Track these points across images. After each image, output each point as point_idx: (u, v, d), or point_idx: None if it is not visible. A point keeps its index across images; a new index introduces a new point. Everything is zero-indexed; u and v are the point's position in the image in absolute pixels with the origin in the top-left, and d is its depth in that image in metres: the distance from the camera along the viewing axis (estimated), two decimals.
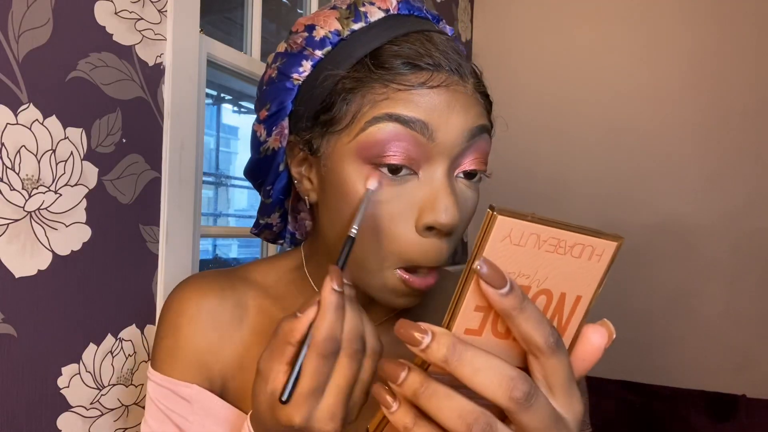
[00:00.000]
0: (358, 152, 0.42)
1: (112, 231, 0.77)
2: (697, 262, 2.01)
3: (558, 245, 0.29)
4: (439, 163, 0.42)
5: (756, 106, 1.95)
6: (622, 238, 0.31)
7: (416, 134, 0.41)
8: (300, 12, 1.58)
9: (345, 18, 0.45)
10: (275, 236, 0.60)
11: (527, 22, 2.33)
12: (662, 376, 2.02)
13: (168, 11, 0.85)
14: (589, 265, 0.30)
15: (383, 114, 0.41)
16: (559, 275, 0.30)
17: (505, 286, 0.28)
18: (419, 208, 0.42)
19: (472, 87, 0.44)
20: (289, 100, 0.47)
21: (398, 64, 0.42)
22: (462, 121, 0.42)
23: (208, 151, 5.78)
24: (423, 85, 0.41)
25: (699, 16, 2.04)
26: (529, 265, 0.30)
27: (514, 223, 0.28)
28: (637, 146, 2.11)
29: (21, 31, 0.66)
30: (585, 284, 0.31)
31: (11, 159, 0.64)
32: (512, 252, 0.29)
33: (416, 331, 0.30)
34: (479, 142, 0.44)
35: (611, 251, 0.30)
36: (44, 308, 0.69)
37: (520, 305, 0.29)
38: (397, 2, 0.47)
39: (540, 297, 0.31)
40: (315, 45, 0.46)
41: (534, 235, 0.29)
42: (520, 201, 2.30)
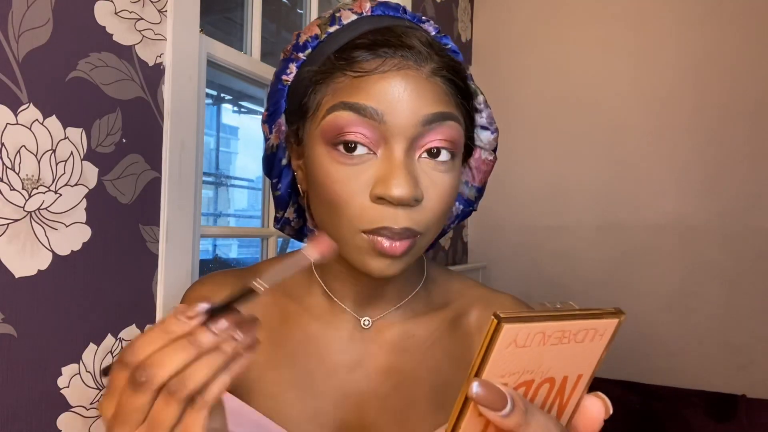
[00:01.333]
0: (322, 136, 0.46)
1: (112, 231, 0.77)
2: (697, 262, 2.01)
3: (563, 337, 0.29)
4: (396, 143, 0.45)
5: (756, 106, 1.95)
6: (624, 314, 0.31)
7: (367, 119, 0.44)
8: (300, 12, 1.58)
9: (324, 24, 0.50)
10: (296, 232, 0.63)
11: (527, 22, 2.33)
12: (662, 376, 2.02)
13: (168, 11, 0.85)
14: (591, 346, 0.31)
15: (339, 102, 0.45)
16: (561, 362, 0.30)
17: (504, 407, 0.28)
18: (374, 182, 0.45)
19: (428, 71, 0.46)
20: (282, 100, 0.53)
21: (356, 54, 0.45)
22: (414, 105, 0.44)
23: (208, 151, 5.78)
24: (375, 70, 0.44)
25: (699, 17, 2.04)
26: (533, 362, 0.29)
27: (520, 328, 0.28)
28: (637, 146, 2.11)
29: (21, 31, 0.66)
30: (587, 363, 0.31)
31: (11, 159, 0.65)
32: (517, 354, 0.29)
33: None
34: (441, 128, 0.46)
35: (612, 329, 0.31)
36: (44, 308, 0.69)
37: (525, 420, 0.28)
38: (371, 6, 0.51)
39: (543, 386, 0.31)
40: (299, 49, 0.51)
41: (540, 334, 0.29)
42: (520, 201, 2.30)
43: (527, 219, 2.29)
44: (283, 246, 2.05)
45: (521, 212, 2.30)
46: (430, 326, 0.57)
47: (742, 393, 1.87)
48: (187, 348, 0.31)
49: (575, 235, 2.21)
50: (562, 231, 2.23)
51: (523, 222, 2.30)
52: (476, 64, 2.42)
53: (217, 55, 1.04)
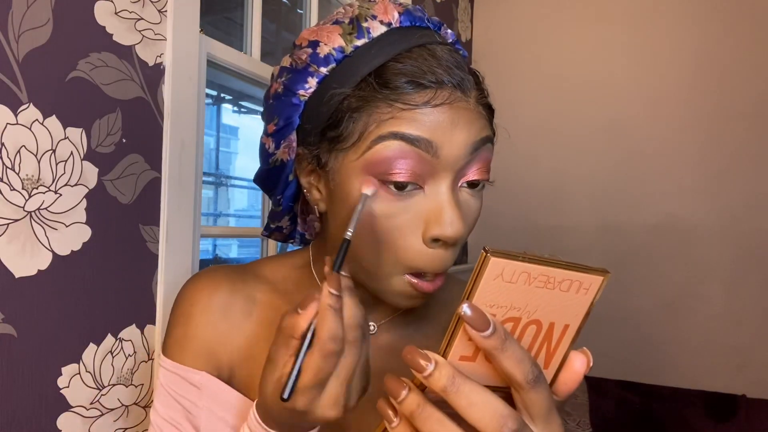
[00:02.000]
0: (365, 169, 0.43)
1: (112, 231, 0.77)
2: (697, 262, 2.01)
3: (547, 281, 0.32)
4: (444, 177, 0.44)
5: (756, 106, 1.95)
6: (609, 273, 0.33)
7: (421, 152, 0.42)
8: (300, 12, 1.58)
9: (348, 34, 0.46)
10: (285, 237, 0.62)
11: (527, 23, 2.33)
12: (662, 376, 2.02)
13: (168, 11, 0.85)
14: (576, 298, 0.33)
15: (389, 132, 0.42)
16: (548, 307, 0.33)
17: (487, 329, 0.31)
18: (425, 220, 0.44)
19: (474, 101, 0.45)
20: (296, 116, 0.49)
21: (402, 84, 0.43)
22: (465, 136, 0.44)
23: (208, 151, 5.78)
24: (427, 104, 0.42)
25: (699, 18, 2.04)
26: (520, 299, 0.33)
27: (506, 263, 0.31)
28: (638, 147, 2.11)
29: (21, 31, 0.66)
30: (573, 314, 0.34)
31: (11, 159, 0.65)
32: (504, 288, 0.32)
33: (421, 358, 0.33)
34: (482, 152, 0.46)
35: (597, 285, 0.33)
36: (44, 308, 0.69)
37: (502, 345, 0.32)
38: (399, 15, 0.47)
39: (530, 327, 0.34)
40: (319, 62, 0.46)
41: (525, 273, 0.32)
42: (520, 201, 2.30)
43: (527, 219, 2.29)
44: (282, 246, 2.05)
45: (521, 212, 2.30)
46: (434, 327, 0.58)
47: (742, 393, 1.87)
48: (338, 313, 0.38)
49: (575, 235, 2.21)
50: (562, 231, 2.23)
51: (523, 222, 2.30)
52: (476, 64, 2.42)
53: (217, 55, 1.04)
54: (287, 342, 0.39)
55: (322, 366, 0.38)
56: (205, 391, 0.52)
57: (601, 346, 2.14)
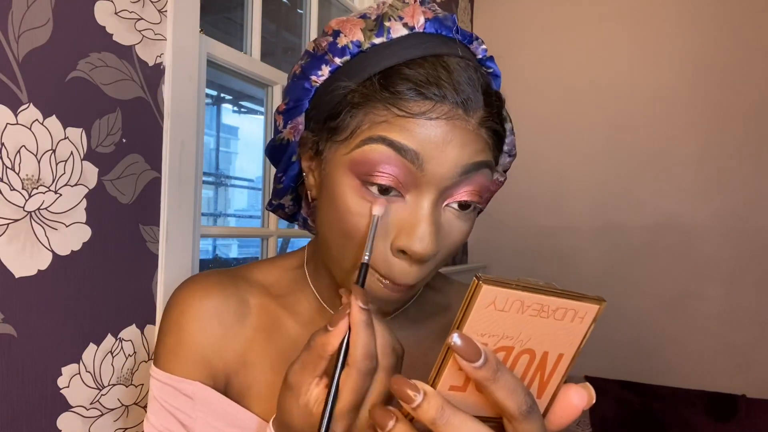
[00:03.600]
0: (351, 166, 0.43)
1: (112, 231, 0.77)
2: (697, 262, 2.01)
3: (541, 310, 0.31)
4: (427, 192, 0.42)
5: (756, 107, 1.95)
6: (605, 301, 0.32)
7: (406, 162, 0.41)
8: (300, 12, 1.58)
9: (369, 30, 0.45)
10: (288, 216, 0.61)
11: (527, 22, 2.33)
12: (662, 376, 2.02)
13: (168, 11, 0.85)
14: (571, 327, 0.32)
15: (378, 136, 0.42)
16: (541, 336, 0.32)
17: (478, 359, 0.31)
18: (398, 228, 0.43)
19: (476, 123, 0.43)
20: (306, 99, 0.49)
21: (404, 89, 0.42)
22: (456, 155, 0.42)
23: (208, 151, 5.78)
24: (422, 115, 0.41)
25: (700, 18, 2.04)
26: (512, 328, 0.32)
27: (499, 292, 0.30)
28: (638, 147, 2.11)
29: (21, 31, 0.66)
30: (567, 343, 0.33)
31: (11, 159, 0.64)
32: (497, 317, 0.31)
33: (409, 389, 0.32)
34: (475, 176, 0.44)
35: (593, 313, 0.32)
36: (44, 308, 0.69)
37: (494, 376, 0.31)
38: (425, 20, 0.46)
39: (523, 356, 0.33)
40: (336, 52, 0.46)
41: (518, 302, 0.31)
42: (520, 201, 2.30)
43: (527, 219, 2.29)
44: (282, 246, 2.05)
45: (521, 212, 2.30)
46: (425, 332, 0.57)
47: (742, 393, 1.87)
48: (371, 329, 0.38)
49: (575, 235, 2.21)
50: (562, 231, 2.23)
51: (523, 222, 2.30)
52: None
53: (217, 55, 1.04)
54: (315, 363, 0.38)
55: (360, 386, 0.37)
56: (199, 402, 0.51)
57: (601, 346, 2.14)
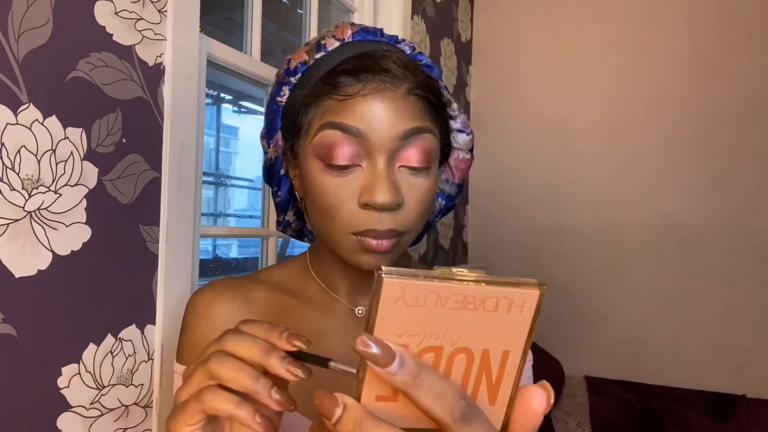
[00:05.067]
0: (314, 152, 0.52)
1: (112, 231, 0.77)
2: (697, 261, 2.01)
3: (465, 301, 0.27)
4: (378, 156, 0.51)
5: (756, 106, 1.95)
6: (545, 286, 0.28)
7: (352, 137, 0.50)
8: (300, 12, 1.58)
9: (311, 50, 0.57)
10: (297, 233, 0.70)
11: (527, 22, 2.33)
12: (662, 376, 2.02)
13: (168, 11, 0.85)
14: (510, 318, 0.28)
15: (327, 122, 0.51)
16: (475, 331, 0.28)
17: (391, 363, 0.27)
18: (361, 191, 0.51)
19: (404, 91, 0.51)
20: (277, 118, 0.59)
21: (341, 79, 0.51)
22: (392, 121, 0.50)
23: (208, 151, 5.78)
24: (358, 94, 0.50)
25: (699, 17, 2.04)
26: (435, 325, 0.28)
27: (405, 284, 0.27)
28: (638, 147, 2.11)
29: (21, 31, 0.66)
30: (511, 338, 0.29)
31: (11, 159, 0.65)
32: (411, 313, 0.27)
33: (330, 402, 0.29)
34: (417, 140, 0.52)
35: (534, 300, 0.28)
36: (44, 308, 0.69)
37: (414, 380, 0.28)
38: (352, 33, 0.57)
39: (458, 356, 0.29)
40: (290, 73, 0.57)
41: (433, 294, 0.27)
42: (520, 201, 2.30)
43: (527, 219, 2.29)
44: (282, 246, 2.05)
45: (521, 212, 2.30)
46: None
47: (742, 393, 1.87)
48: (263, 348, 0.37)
49: (575, 235, 2.21)
50: (562, 231, 2.23)
51: (523, 222, 2.30)
52: (476, 64, 2.42)
53: (217, 55, 1.04)
54: None
55: None
56: None
57: (601, 346, 2.14)
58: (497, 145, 2.31)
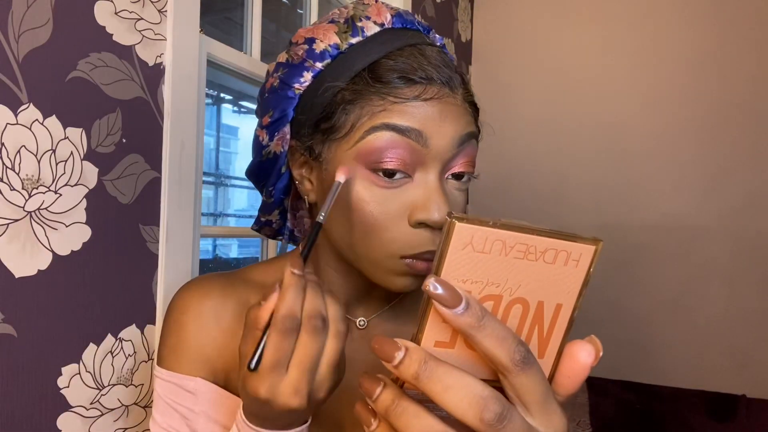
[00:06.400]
0: (358, 158, 0.46)
1: (112, 231, 0.77)
2: (697, 262, 2.01)
3: (527, 251, 0.28)
4: (432, 167, 0.46)
5: (756, 106, 1.95)
6: (601, 241, 0.29)
7: (411, 142, 0.45)
8: (300, 12, 1.58)
9: (343, 32, 0.49)
10: (275, 232, 0.64)
11: (527, 22, 2.33)
12: (662, 376, 2.02)
13: (168, 11, 0.85)
14: (566, 271, 0.29)
15: (381, 123, 0.45)
16: (533, 282, 0.29)
17: (458, 305, 0.28)
18: (412, 207, 0.46)
19: (461, 97, 0.48)
20: (290, 108, 0.51)
21: (394, 78, 0.46)
22: (453, 129, 0.46)
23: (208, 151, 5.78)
24: (417, 98, 0.45)
25: (699, 17, 2.04)
26: (498, 273, 0.28)
27: (475, 230, 0.27)
28: (637, 146, 2.11)
29: (21, 31, 0.66)
30: (564, 291, 0.29)
31: (11, 159, 0.65)
32: (477, 260, 0.28)
33: (390, 346, 0.30)
34: (467, 147, 0.48)
35: (589, 255, 0.29)
36: (44, 308, 0.69)
37: (479, 323, 0.28)
38: (391, 17, 0.50)
39: (515, 306, 0.29)
40: (315, 57, 0.49)
41: (499, 242, 0.28)
42: (520, 201, 2.30)
43: (527, 219, 2.28)
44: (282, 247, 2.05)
45: (521, 212, 2.30)
46: None
47: (742, 393, 1.87)
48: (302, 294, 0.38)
49: None
50: None
51: None
52: (476, 64, 2.42)
53: (217, 55, 1.04)
54: (253, 334, 0.39)
55: (279, 345, 0.37)
56: (201, 397, 0.53)
57: (602, 346, 2.14)
58: (497, 145, 2.31)
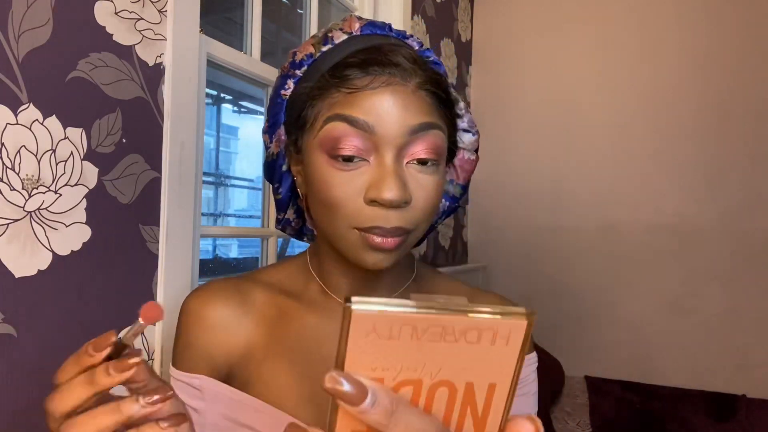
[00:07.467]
0: (320, 146, 0.51)
1: (112, 231, 0.77)
2: (697, 262, 2.01)
3: (444, 332, 0.25)
4: (386, 151, 0.50)
5: (756, 106, 1.95)
6: (534, 315, 0.26)
7: (359, 130, 0.49)
8: (300, 12, 1.58)
9: (318, 43, 0.55)
10: (296, 232, 0.68)
11: (527, 22, 2.33)
12: (662, 376, 2.02)
13: (168, 11, 0.85)
14: (495, 350, 0.26)
15: (334, 114, 0.50)
16: (457, 365, 0.26)
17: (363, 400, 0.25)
18: (368, 186, 0.50)
19: (414, 86, 0.50)
20: (281, 112, 0.57)
21: (350, 72, 0.50)
22: (401, 115, 0.49)
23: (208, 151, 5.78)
24: (366, 87, 0.49)
25: (699, 17, 2.04)
26: (412, 358, 0.26)
27: (377, 316, 0.24)
28: (637, 146, 2.11)
29: (21, 31, 0.66)
30: (497, 370, 0.26)
31: (11, 159, 0.65)
32: (385, 346, 0.25)
33: None
34: (426, 136, 0.51)
35: (521, 331, 0.26)
36: (44, 308, 0.69)
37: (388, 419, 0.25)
38: (360, 26, 0.56)
39: (439, 389, 0.27)
40: (295, 66, 0.56)
41: (408, 326, 0.25)
42: (520, 201, 2.30)
43: (527, 219, 2.29)
44: (282, 246, 2.05)
45: (521, 212, 2.30)
46: None
47: (742, 393, 1.87)
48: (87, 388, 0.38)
49: (575, 235, 2.21)
50: (562, 231, 2.23)
51: (523, 222, 2.30)
52: (476, 64, 2.42)
53: (217, 55, 1.04)
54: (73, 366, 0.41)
55: None
56: (207, 392, 0.57)
57: (602, 347, 2.14)
58: (497, 145, 2.31)
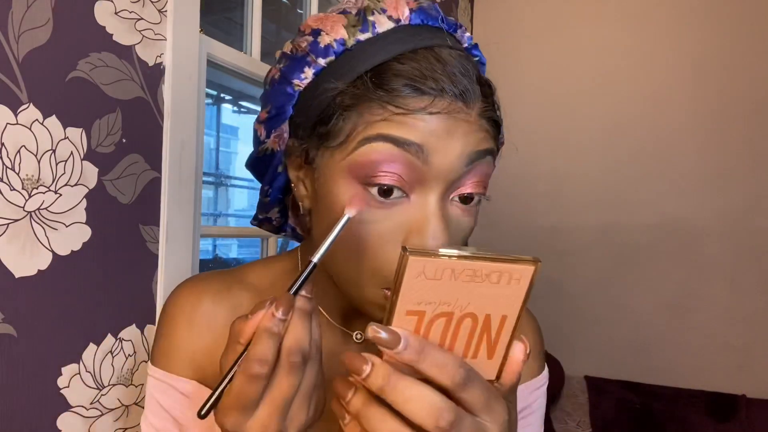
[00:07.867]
0: (350, 171, 0.41)
1: (112, 231, 0.77)
2: (697, 262, 2.01)
3: (474, 275, 0.33)
4: (434, 187, 0.41)
5: (756, 106, 1.95)
6: (539, 262, 0.34)
7: (410, 156, 0.39)
8: (300, 12, 1.58)
9: (352, 26, 0.43)
10: (276, 229, 0.60)
11: (527, 23, 2.33)
12: (662, 376, 2.02)
13: (168, 11, 0.85)
14: (508, 289, 0.34)
15: (377, 134, 0.40)
16: (480, 300, 0.34)
17: (398, 345, 0.32)
18: (407, 230, 0.41)
19: (476, 114, 0.42)
20: (289, 105, 0.47)
21: (399, 86, 0.40)
22: (461, 146, 0.41)
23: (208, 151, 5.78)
24: (422, 110, 0.39)
25: (700, 17, 2.04)
26: (449, 294, 0.33)
27: (426, 261, 0.32)
28: (638, 146, 2.11)
29: (21, 31, 0.66)
30: (508, 305, 0.35)
31: (11, 159, 0.65)
32: (430, 285, 0.33)
33: (359, 361, 0.33)
34: (480, 165, 0.43)
35: (528, 274, 0.34)
36: (44, 308, 0.69)
37: (419, 357, 0.33)
38: (410, 12, 0.44)
39: (466, 320, 0.35)
40: (318, 52, 0.44)
41: (448, 269, 0.33)
42: (520, 201, 2.30)
43: (527, 219, 2.29)
44: (282, 246, 2.05)
45: (521, 212, 2.30)
46: None
47: (742, 393, 1.87)
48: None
49: (575, 235, 2.21)
50: (562, 231, 2.23)
51: (523, 222, 2.30)
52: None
53: (217, 55, 1.04)
54: (233, 348, 0.37)
55: (243, 388, 0.35)
56: (195, 400, 0.52)
57: (602, 347, 2.14)
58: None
